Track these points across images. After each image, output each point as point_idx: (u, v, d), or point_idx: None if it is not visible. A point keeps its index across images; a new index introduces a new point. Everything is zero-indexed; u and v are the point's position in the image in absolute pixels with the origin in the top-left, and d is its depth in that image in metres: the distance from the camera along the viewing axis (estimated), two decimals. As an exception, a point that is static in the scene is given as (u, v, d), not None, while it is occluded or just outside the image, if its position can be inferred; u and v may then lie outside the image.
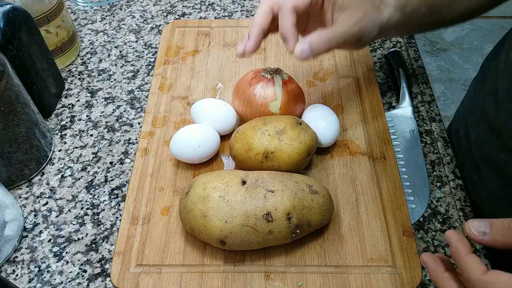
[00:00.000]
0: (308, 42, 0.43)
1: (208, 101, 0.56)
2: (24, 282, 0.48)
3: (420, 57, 0.71)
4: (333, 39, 0.44)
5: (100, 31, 0.76)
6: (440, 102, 1.78)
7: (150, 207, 0.51)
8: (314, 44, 0.44)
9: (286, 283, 0.45)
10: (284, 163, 0.49)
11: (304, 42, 0.44)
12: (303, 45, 0.43)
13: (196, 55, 0.67)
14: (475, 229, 0.33)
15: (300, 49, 0.43)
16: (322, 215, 0.46)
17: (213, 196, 0.44)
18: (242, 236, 0.43)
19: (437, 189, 0.56)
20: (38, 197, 0.55)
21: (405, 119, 0.62)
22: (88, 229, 0.53)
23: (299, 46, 0.43)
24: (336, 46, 0.45)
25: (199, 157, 0.52)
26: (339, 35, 0.45)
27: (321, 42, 0.44)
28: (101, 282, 0.49)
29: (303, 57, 0.44)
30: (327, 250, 0.47)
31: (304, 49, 0.43)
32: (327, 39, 0.44)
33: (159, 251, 0.47)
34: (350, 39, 0.46)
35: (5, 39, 0.53)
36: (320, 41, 0.44)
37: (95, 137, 0.61)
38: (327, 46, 0.44)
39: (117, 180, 0.57)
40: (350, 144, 0.56)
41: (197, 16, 0.78)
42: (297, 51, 0.44)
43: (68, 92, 0.67)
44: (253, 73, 0.55)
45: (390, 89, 0.67)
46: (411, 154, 0.59)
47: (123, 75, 0.69)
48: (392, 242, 0.48)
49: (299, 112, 0.56)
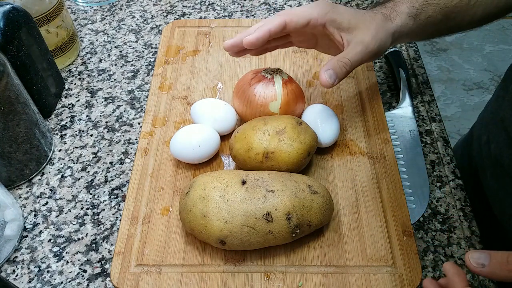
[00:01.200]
0: (331, 67, 0.44)
1: (208, 101, 0.56)
2: (24, 282, 0.48)
3: (420, 57, 0.71)
4: (353, 60, 0.45)
5: (100, 31, 0.76)
6: (440, 102, 1.78)
7: (150, 207, 0.51)
8: (337, 69, 0.44)
9: (286, 283, 0.45)
10: (284, 163, 0.49)
11: (327, 68, 0.44)
12: (327, 71, 0.44)
13: (196, 55, 0.67)
14: (474, 261, 0.33)
15: (327, 75, 0.44)
16: (322, 215, 0.46)
17: (213, 196, 0.44)
18: (242, 236, 0.43)
19: (437, 189, 0.56)
20: (38, 197, 0.55)
21: (405, 119, 0.62)
22: (88, 229, 0.53)
23: (324, 73, 0.44)
24: (355, 66, 0.46)
25: (199, 157, 0.52)
26: (358, 56, 0.45)
27: (342, 65, 0.45)
28: (101, 282, 0.49)
29: (329, 82, 0.44)
30: (327, 250, 0.47)
31: (330, 74, 0.44)
32: (347, 61, 0.45)
33: (159, 251, 0.47)
34: (368, 56, 0.46)
35: (5, 39, 0.53)
36: (341, 65, 0.45)
37: (95, 137, 0.61)
38: (349, 69, 0.45)
39: (117, 180, 0.57)
40: (350, 144, 0.56)
41: (197, 16, 0.78)
42: (324, 77, 0.44)
43: (68, 92, 0.67)
44: (253, 73, 0.55)
45: (390, 89, 0.67)
46: (411, 154, 0.59)
47: (123, 75, 0.69)
48: (392, 242, 0.48)
49: (299, 112, 0.56)
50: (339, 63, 0.45)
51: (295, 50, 0.67)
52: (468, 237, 0.51)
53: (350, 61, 0.45)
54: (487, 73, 1.91)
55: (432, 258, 0.50)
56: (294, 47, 0.67)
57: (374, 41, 0.46)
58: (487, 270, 0.32)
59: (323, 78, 0.44)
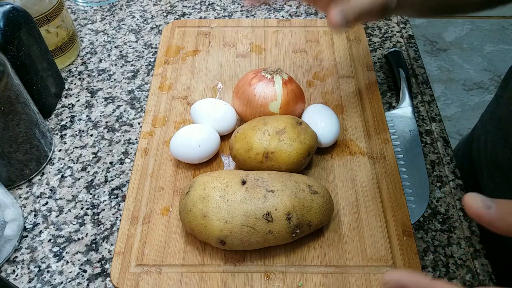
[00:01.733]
0: (340, 10, 0.44)
1: (208, 101, 0.56)
2: (24, 282, 0.48)
3: (420, 57, 0.71)
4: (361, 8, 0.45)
5: (100, 31, 0.76)
6: (440, 102, 1.78)
7: (150, 207, 0.51)
8: (346, 10, 0.44)
9: (286, 283, 0.45)
10: (284, 163, 0.49)
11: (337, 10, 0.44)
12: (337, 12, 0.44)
13: (196, 55, 0.67)
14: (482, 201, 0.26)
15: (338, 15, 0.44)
16: (322, 215, 0.46)
17: (213, 196, 0.44)
18: (242, 236, 0.43)
19: (437, 189, 0.56)
20: (38, 197, 0.55)
21: (405, 119, 0.62)
22: (88, 229, 0.53)
23: (334, 14, 0.44)
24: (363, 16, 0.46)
25: (199, 157, 0.52)
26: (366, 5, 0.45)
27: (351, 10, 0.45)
28: (101, 282, 0.49)
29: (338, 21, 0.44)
30: (327, 250, 0.47)
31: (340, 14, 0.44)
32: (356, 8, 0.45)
33: (159, 251, 0.47)
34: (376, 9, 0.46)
35: (5, 39, 0.53)
36: (350, 10, 0.45)
37: (95, 137, 0.61)
38: (357, 15, 0.45)
39: (117, 180, 0.57)
40: (350, 144, 0.56)
41: (197, 16, 0.78)
42: (333, 17, 0.44)
43: (68, 92, 0.67)
44: (253, 73, 0.55)
45: (390, 89, 0.67)
46: (411, 154, 0.59)
47: (123, 75, 0.69)
48: (392, 242, 0.48)
49: (299, 112, 0.56)
50: (349, 7, 0.45)
51: (295, 50, 0.67)
52: (468, 237, 0.51)
53: (360, 8, 0.45)
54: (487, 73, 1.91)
55: (432, 258, 0.50)
56: (294, 47, 0.67)
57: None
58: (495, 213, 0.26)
59: (333, 17, 0.44)
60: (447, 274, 0.49)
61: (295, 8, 0.79)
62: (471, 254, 0.50)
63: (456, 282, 0.48)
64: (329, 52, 0.67)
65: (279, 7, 0.79)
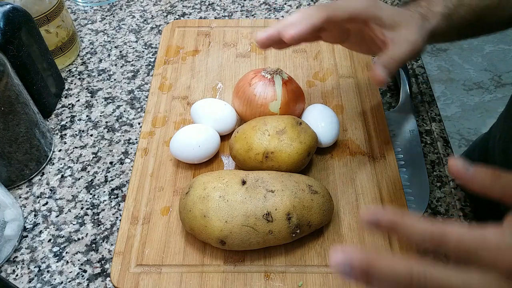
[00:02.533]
0: (382, 63, 0.44)
1: (208, 101, 0.56)
2: (24, 282, 0.48)
3: (420, 57, 0.71)
4: (401, 58, 0.45)
5: (100, 31, 0.76)
6: (440, 102, 1.78)
7: (150, 207, 0.51)
8: (387, 64, 0.44)
9: (286, 283, 0.45)
10: (284, 163, 0.49)
11: (379, 65, 0.44)
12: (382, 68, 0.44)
13: (196, 55, 0.67)
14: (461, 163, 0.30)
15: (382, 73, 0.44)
16: (322, 215, 0.46)
17: (213, 196, 0.44)
18: (242, 236, 0.43)
19: (437, 189, 0.56)
20: (38, 197, 0.55)
21: (405, 119, 0.62)
22: (88, 229, 0.53)
23: (379, 70, 0.44)
24: (402, 64, 0.46)
25: (199, 157, 0.52)
26: (406, 54, 0.45)
27: (393, 62, 0.45)
28: (101, 282, 0.49)
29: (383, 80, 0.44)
30: (327, 250, 0.47)
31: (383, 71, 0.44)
32: (397, 58, 0.45)
33: (159, 251, 0.47)
34: (414, 55, 0.46)
35: (5, 39, 0.53)
36: (391, 62, 0.45)
37: (95, 137, 0.61)
38: (397, 65, 0.45)
39: (117, 180, 0.57)
40: (350, 144, 0.56)
41: (197, 16, 0.78)
42: (379, 75, 0.44)
43: (68, 92, 0.67)
44: (253, 73, 0.55)
45: (390, 89, 0.67)
46: (411, 154, 0.59)
47: (123, 75, 0.69)
48: (392, 242, 0.48)
49: (299, 112, 0.56)
50: (390, 60, 0.45)
51: (295, 50, 0.67)
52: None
53: (400, 58, 0.45)
54: (487, 73, 1.91)
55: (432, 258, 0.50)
56: (294, 47, 0.67)
57: (418, 41, 0.46)
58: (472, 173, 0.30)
59: (378, 75, 0.44)
60: (447, 274, 0.49)
61: (295, 8, 0.79)
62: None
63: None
64: (329, 52, 0.67)
65: (279, 7, 0.79)
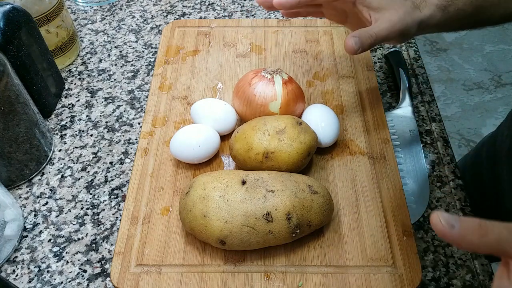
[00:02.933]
0: (358, 35, 0.46)
1: (208, 101, 0.56)
2: (24, 282, 0.48)
3: (420, 57, 0.71)
4: (378, 34, 0.47)
5: (100, 31, 0.76)
6: (440, 102, 1.78)
7: (150, 207, 0.51)
8: (363, 38, 0.46)
9: (286, 283, 0.45)
10: (284, 163, 0.49)
11: (354, 35, 0.46)
12: (354, 38, 0.46)
13: (196, 55, 0.67)
14: (444, 220, 0.28)
15: (353, 41, 0.46)
16: (322, 215, 0.46)
17: (213, 196, 0.44)
18: (242, 236, 0.43)
19: (437, 189, 0.56)
20: (38, 197, 0.55)
21: (405, 119, 0.62)
22: (88, 229, 0.53)
23: (351, 39, 0.46)
24: (380, 41, 0.48)
25: (199, 157, 0.52)
26: (384, 32, 0.47)
27: (368, 36, 0.46)
28: (101, 282, 0.49)
29: (354, 48, 0.46)
30: (327, 250, 0.47)
31: (356, 41, 0.46)
32: (373, 34, 0.47)
33: (159, 251, 0.47)
34: (393, 36, 0.47)
35: (5, 39, 0.53)
36: (367, 36, 0.46)
37: (95, 137, 0.61)
38: (373, 42, 0.47)
39: (117, 180, 0.57)
40: (350, 144, 0.56)
41: (197, 16, 0.78)
42: (350, 42, 0.46)
43: (68, 92, 0.67)
44: (253, 73, 0.55)
45: (390, 89, 0.67)
46: (411, 154, 0.59)
47: (123, 75, 0.69)
48: (392, 242, 0.48)
49: (299, 112, 0.56)
50: (366, 34, 0.46)
51: (295, 50, 0.67)
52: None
53: (376, 35, 0.47)
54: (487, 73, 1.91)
55: (432, 258, 0.50)
56: (294, 47, 0.67)
57: (400, 23, 0.47)
58: (458, 232, 0.28)
59: (348, 43, 0.46)
60: (447, 274, 0.49)
61: (295, 8, 0.79)
62: (471, 254, 0.50)
63: (455, 282, 0.48)
64: (329, 52, 0.67)
65: (279, 7, 0.79)
